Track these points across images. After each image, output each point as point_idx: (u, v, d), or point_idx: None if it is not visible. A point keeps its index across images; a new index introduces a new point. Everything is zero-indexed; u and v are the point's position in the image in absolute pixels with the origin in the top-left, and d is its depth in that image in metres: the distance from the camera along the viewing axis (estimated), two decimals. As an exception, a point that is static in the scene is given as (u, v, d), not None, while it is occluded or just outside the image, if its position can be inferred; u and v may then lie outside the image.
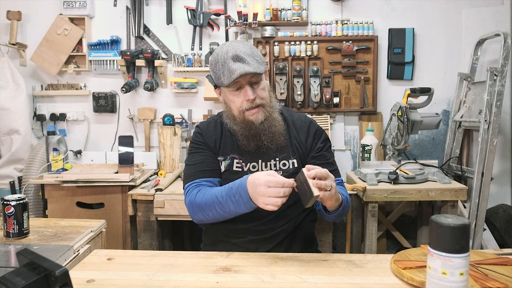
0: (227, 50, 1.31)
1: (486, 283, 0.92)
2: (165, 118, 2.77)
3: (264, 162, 1.40)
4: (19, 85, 2.70)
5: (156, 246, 2.28)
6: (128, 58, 2.71)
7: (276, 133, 1.39)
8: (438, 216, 0.84)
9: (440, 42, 2.77)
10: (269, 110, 1.38)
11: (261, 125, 1.35)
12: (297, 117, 1.50)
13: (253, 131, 1.36)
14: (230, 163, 1.41)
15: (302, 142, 1.44)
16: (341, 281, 1.01)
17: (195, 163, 1.40)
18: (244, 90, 1.32)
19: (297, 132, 1.45)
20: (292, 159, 1.42)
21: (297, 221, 1.42)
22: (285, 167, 1.41)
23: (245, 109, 1.34)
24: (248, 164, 1.40)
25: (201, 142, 1.43)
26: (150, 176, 2.57)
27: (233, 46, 1.32)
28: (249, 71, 1.28)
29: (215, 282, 1.01)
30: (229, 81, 1.29)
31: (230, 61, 1.29)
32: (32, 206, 2.56)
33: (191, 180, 1.37)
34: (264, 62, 1.36)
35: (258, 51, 1.37)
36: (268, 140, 1.38)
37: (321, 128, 1.49)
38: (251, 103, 1.33)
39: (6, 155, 2.67)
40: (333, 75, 2.76)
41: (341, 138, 2.85)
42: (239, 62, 1.28)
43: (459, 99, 2.67)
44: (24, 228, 1.35)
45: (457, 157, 2.64)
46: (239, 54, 1.29)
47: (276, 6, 2.75)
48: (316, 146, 1.44)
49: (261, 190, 1.12)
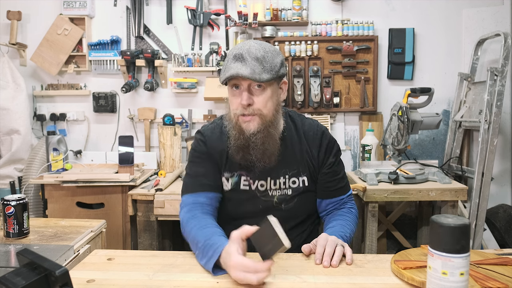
0: (240, 46, 1.22)
1: (486, 283, 0.92)
2: (165, 118, 2.77)
3: (273, 180, 1.31)
4: (19, 85, 2.70)
5: (156, 246, 2.28)
6: (128, 58, 2.71)
7: (267, 152, 1.25)
8: (438, 216, 0.84)
9: (440, 42, 2.77)
10: (266, 123, 1.23)
11: (251, 137, 1.23)
12: (309, 126, 1.37)
13: (241, 141, 1.24)
14: (237, 181, 1.31)
15: (314, 157, 1.34)
16: (341, 281, 1.01)
17: (196, 175, 1.31)
18: (241, 92, 1.22)
19: (308, 145, 1.34)
20: (302, 176, 1.33)
21: (302, 237, 1.36)
22: (295, 185, 1.33)
23: (239, 114, 1.23)
24: (256, 182, 1.31)
25: (203, 152, 1.33)
26: (150, 176, 2.57)
27: (248, 44, 1.22)
28: (242, 74, 1.16)
29: (215, 282, 1.01)
30: (222, 79, 1.22)
31: (232, 58, 1.20)
32: (32, 206, 2.56)
33: (189, 192, 1.30)
34: (275, 71, 1.21)
35: (275, 57, 1.22)
36: (256, 156, 1.25)
37: (333, 138, 1.38)
38: (244, 108, 1.21)
39: (6, 155, 2.67)
40: (333, 75, 2.76)
41: (341, 138, 2.85)
42: (239, 62, 1.18)
43: (459, 99, 2.67)
44: (24, 228, 1.35)
45: (457, 157, 2.64)
46: (243, 54, 1.19)
47: (276, 6, 2.75)
48: (328, 161, 1.35)
49: (231, 272, 1.00)
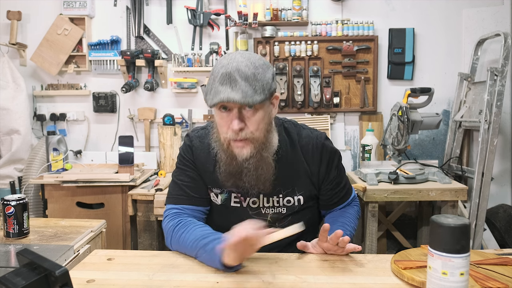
0: (226, 63, 1.08)
1: (486, 283, 0.92)
2: (165, 118, 2.77)
3: (266, 197, 1.24)
4: (19, 85, 2.70)
5: (156, 246, 2.28)
6: (128, 58, 2.71)
7: (261, 177, 1.16)
8: (438, 216, 0.84)
9: (440, 42, 2.77)
10: (260, 147, 1.14)
11: (244, 162, 1.13)
12: (307, 139, 1.27)
13: (233, 167, 1.15)
14: (227, 197, 1.24)
15: (314, 174, 1.27)
16: (341, 281, 1.01)
17: (182, 183, 1.25)
18: (231, 116, 1.09)
19: (307, 162, 1.26)
20: (298, 195, 1.26)
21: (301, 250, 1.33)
22: (290, 204, 1.26)
23: (230, 138, 1.12)
24: (248, 199, 1.24)
25: (189, 160, 1.25)
26: (150, 176, 2.57)
27: (235, 60, 1.08)
28: (233, 99, 1.04)
29: (215, 282, 1.01)
30: (210, 103, 1.08)
31: (221, 79, 1.06)
32: (32, 206, 2.56)
33: (174, 203, 1.24)
34: (268, 89, 1.09)
35: (266, 72, 1.10)
36: (249, 182, 1.16)
37: (334, 150, 1.29)
38: (235, 134, 1.10)
39: (6, 155, 2.67)
40: (333, 75, 2.76)
41: (341, 138, 2.85)
42: (227, 85, 1.05)
43: (459, 99, 2.67)
44: (24, 228, 1.35)
45: (457, 157, 2.64)
46: (232, 74, 1.05)
47: (276, 6, 2.75)
48: (330, 176, 1.28)
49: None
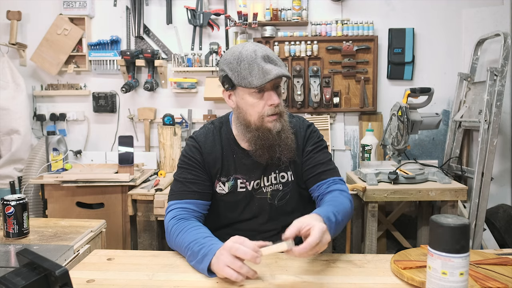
0: (254, 50, 1.22)
1: (486, 283, 0.92)
2: (165, 118, 2.77)
3: (265, 177, 1.34)
4: (19, 85, 2.70)
5: (156, 246, 2.28)
6: (128, 58, 2.71)
7: (290, 146, 1.30)
8: (438, 216, 0.84)
9: (440, 42, 2.77)
10: (285, 120, 1.30)
11: (277, 135, 1.27)
12: (295, 123, 1.39)
13: (270, 141, 1.26)
14: (234, 184, 1.33)
15: (299, 148, 1.36)
16: (341, 281, 1.01)
17: (185, 180, 1.30)
18: (268, 94, 1.23)
19: (296, 137, 1.37)
20: (289, 170, 1.36)
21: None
22: (284, 180, 1.36)
23: (266, 115, 1.24)
24: (252, 182, 1.33)
25: (195, 159, 1.32)
26: (150, 176, 2.57)
27: (258, 46, 1.24)
28: (284, 74, 1.21)
29: (215, 282, 1.01)
30: (262, 82, 1.19)
31: (262, 61, 1.20)
32: (32, 206, 2.56)
33: (176, 199, 1.28)
34: None
35: None
36: (281, 153, 1.29)
37: (314, 130, 1.41)
38: (274, 108, 1.24)
39: (6, 155, 2.67)
40: (333, 75, 2.76)
41: (341, 138, 2.85)
42: (271, 63, 1.21)
43: (459, 99, 2.67)
44: (24, 228, 1.35)
45: (457, 157, 2.64)
46: (270, 56, 1.22)
47: (276, 6, 2.75)
48: (306, 149, 1.37)
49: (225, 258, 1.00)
